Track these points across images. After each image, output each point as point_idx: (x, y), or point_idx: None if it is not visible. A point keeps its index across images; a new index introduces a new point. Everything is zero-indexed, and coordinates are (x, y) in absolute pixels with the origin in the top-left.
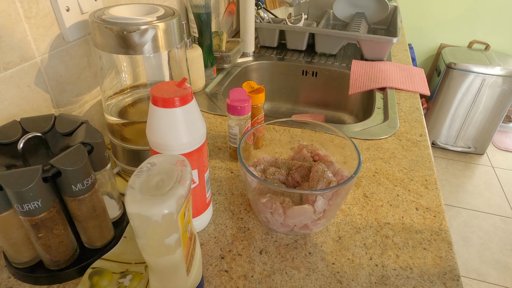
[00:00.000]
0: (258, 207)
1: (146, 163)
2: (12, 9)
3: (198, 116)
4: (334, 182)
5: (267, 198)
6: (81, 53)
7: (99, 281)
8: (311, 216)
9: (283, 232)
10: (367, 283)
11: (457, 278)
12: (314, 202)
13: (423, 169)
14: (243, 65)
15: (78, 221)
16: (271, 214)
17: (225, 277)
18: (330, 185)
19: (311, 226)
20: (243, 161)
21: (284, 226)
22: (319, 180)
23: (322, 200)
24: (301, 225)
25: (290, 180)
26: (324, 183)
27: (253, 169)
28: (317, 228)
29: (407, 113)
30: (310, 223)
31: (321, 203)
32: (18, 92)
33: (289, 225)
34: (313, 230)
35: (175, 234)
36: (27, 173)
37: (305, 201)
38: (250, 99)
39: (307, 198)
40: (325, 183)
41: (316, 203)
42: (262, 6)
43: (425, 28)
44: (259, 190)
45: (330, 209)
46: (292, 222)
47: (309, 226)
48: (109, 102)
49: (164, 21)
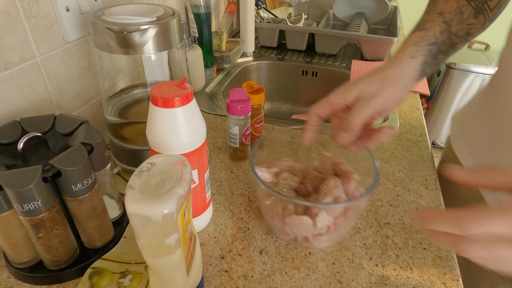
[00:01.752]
0: (263, 209)
1: (146, 163)
2: (12, 9)
3: (198, 116)
4: (341, 199)
5: (270, 201)
6: (81, 53)
7: (99, 281)
8: (309, 229)
9: (285, 240)
10: (367, 283)
11: (457, 278)
12: (316, 215)
13: (423, 169)
14: (243, 65)
15: (78, 221)
16: (271, 218)
17: (225, 277)
18: (336, 201)
19: (312, 240)
20: (252, 161)
21: (284, 234)
22: (326, 194)
23: (325, 215)
24: (301, 237)
25: (302, 189)
26: (331, 198)
27: (265, 169)
28: (319, 244)
29: (407, 113)
30: (311, 236)
31: (324, 218)
32: (18, 92)
33: (289, 234)
34: (314, 245)
35: (175, 234)
36: (27, 173)
37: (308, 213)
38: (250, 99)
39: (310, 211)
40: (333, 200)
41: (317, 217)
42: (262, 6)
43: None
44: (266, 191)
45: (336, 229)
46: (290, 231)
47: (310, 240)
48: (109, 102)
49: (164, 21)
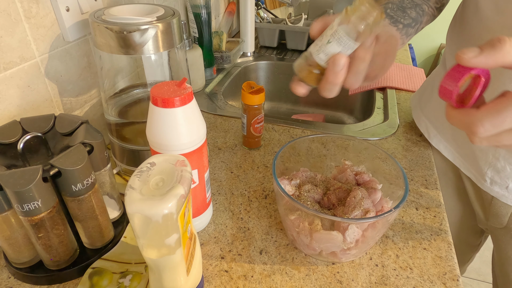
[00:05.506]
0: (286, 223)
1: (146, 163)
2: (12, 9)
3: (198, 116)
4: (372, 212)
5: (295, 216)
6: (81, 53)
7: (99, 281)
8: (339, 245)
9: (310, 254)
10: (367, 283)
11: (457, 278)
12: (346, 230)
13: (423, 169)
14: (243, 65)
15: (78, 221)
16: (297, 234)
17: (225, 277)
18: (367, 215)
19: (340, 255)
20: (276, 175)
21: (310, 249)
22: (355, 207)
23: (355, 229)
24: (328, 252)
25: (326, 201)
26: (360, 211)
27: (287, 182)
28: (346, 258)
29: (407, 113)
30: (339, 251)
31: (353, 232)
32: (18, 92)
33: (315, 249)
34: (342, 259)
35: (175, 234)
36: (27, 173)
37: (336, 227)
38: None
39: (338, 225)
40: (362, 212)
41: (347, 232)
42: (262, 6)
43: (425, 28)
44: (290, 205)
45: (364, 241)
46: (318, 246)
47: (338, 255)
48: (109, 102)
49: (164, 21)
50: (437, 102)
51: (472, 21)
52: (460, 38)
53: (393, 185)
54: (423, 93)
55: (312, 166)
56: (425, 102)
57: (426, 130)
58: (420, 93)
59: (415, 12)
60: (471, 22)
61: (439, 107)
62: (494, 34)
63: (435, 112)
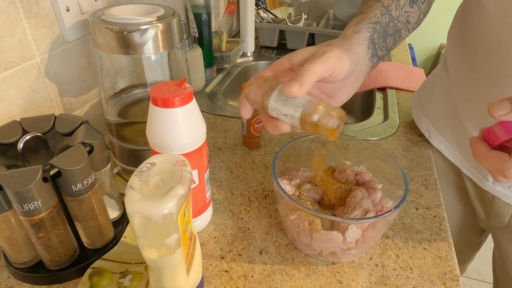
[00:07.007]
0: (286, 223)
1: (146, 163)
2: (12, 9)
3: (198, 116)
4: (372, 212)
5: (295, 216)
6: (81, 53)
7: (99, 281)
8: (339, 245)
9: (310, 254)
10: (367, 283)
11: (457, 278)
12: (346, 230)
13: (423, 169)
14: (243, 65)
15: (78, 221)
16: (297, 234)
17: (225, 277)
18: (367, 214)
19: (339, 255)
20: (276, 175)
21: (310, 249)
22: (355, 207)
23: (355, 229)
24: (328, 252)
25: (326, 201)
26: (360, 211)
27: (287, 182)
28: (346, 258)
29: (407, 113)
30: (339, 251)
31: (353, 232)
32: (18, 92)
33: (315, 249)
34: (342, 259)
35: (175, 234)
36: (27, 173)
37: (336, 227)
38: None
39: (338, 225)
40: (362, 212)
41: (347, 232)
42: (262, 6)
43: (425, 28)
44: (290, 205)
45: (364, 241)
46: (318, 246)
47: (338, 255)
48: (109, 102)
49: (164, 21)
50: (437, 102)
51: (474, 21)
52: (461, 37)
53: (393, 185)
54: (423, 93)
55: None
56: (425, 102)
57: (427, 130)
58: (420, 93)
59: (393, 40)
60: (473, 22)
61: (439, 107)
62: (497, 34)
63: (436, 112)
